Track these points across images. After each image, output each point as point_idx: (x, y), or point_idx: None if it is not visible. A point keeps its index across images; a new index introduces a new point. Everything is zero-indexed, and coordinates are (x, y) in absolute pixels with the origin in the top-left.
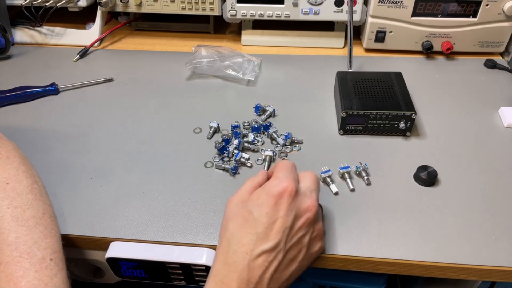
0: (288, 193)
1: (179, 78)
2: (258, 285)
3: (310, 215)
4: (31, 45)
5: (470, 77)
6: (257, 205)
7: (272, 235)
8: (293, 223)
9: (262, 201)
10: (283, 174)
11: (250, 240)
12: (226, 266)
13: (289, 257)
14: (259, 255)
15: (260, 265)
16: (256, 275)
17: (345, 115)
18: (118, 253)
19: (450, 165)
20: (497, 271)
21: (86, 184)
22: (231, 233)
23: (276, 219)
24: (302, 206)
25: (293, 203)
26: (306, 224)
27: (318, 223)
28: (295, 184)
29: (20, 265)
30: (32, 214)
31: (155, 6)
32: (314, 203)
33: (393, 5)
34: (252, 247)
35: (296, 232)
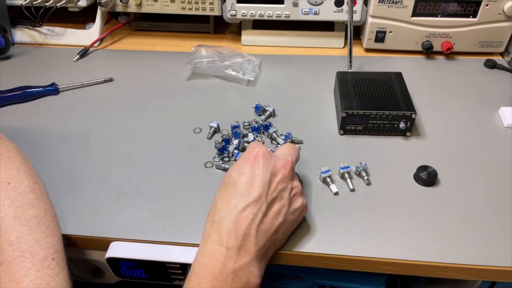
0: (261, 154)
1: (179, 78)
2: (246, 237)
3: (285, 172)
4: (31, 45)
5: (470, 77)
6: (236, 169)
7: (253, 189)
8: (271, 178)
9: (240, 165)
10: (254, 144)
11: (233, 198)
12: (214, 224)
13: (273, 210)
14: (244, 209)
15: (246, 217)
16: (243, 227)
17: (345, 115)
18: (118, 253)
19: (450, 165)
20: (497, 271)
21: (86, 184)
22: (216, 198)
23: (255, 176)
24: (276, 164)
25: (268, 161)
26: (283, 179)
27: (295, 180)
28: (266, 148)
29: (22, 264)
30: (34, 214)
31: (155, 6)
32: (287, 162)
33: (393, 5)
34: (235, 203)
35: (276, 186)
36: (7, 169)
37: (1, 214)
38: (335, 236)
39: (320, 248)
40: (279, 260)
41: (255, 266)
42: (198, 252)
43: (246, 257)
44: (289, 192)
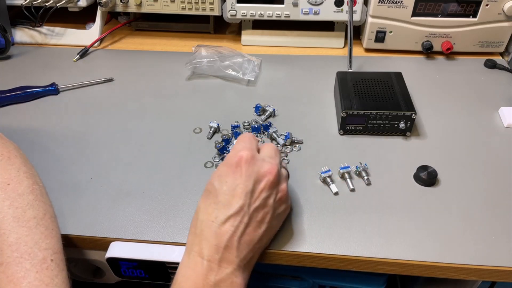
0: (244, 160)
1: (179, 78)
2: (228, 249)
3: (270, 178)
4: (31, 45)
5: (470, 77)
6: (218, 176)
7: (234, 200)
8: (254, 187)
9: (221, 172)
10: (241, 145)
11: (214, 209)
12: (196, 236)
13: (256, 219)
14: (224, 221)
15: (227, 230)
16: (224, 240)
17: (345, 115)
18: (118, 253)
19: (450, 165)
20: (497, 271)
21: (86, 184)
22: (198, 207)
23: (236, 185)
24: (261, 170)
25: (251, 168)
26: (268, 187)
27: (281, 185)
28: (252, 152)
29: (21, 265)
30: (33, 215)
31: (155, 6)
32: (273, 167)
33: (393, 5)
34: (216, 214)
35: (259, 194)
36: (7, 170)
37: (1, 215)
38: (335, 236)
39: (320, 248)
40: (279, 260)
41: (237, 276)
42: (181, 264)
43: (228, 268)
44: (274, 198)
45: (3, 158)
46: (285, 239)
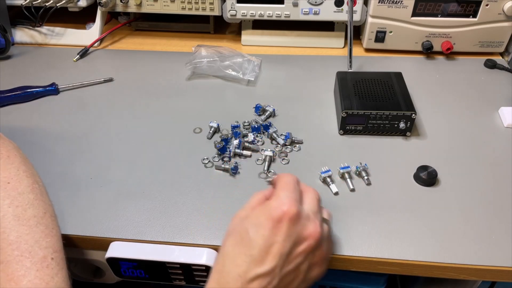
0: (288, 218)
1: (179, 78)
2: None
3: (311, 243)
4: (31, 45)
5: (470, 77)
6: (255, 225)
7: (267, 259)
8: (291, 249)
9: (260, 222)
10: (284, 194)
11: (243, 262)
12: (219, 286)
13: (284, 283)
14: (252, 279)
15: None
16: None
17: (345, 115)
18: (118, 253)
19: (450, 165)
20: (497, 271)
21: (86, 184)
22: (227, 251)
23: (273, 243)
24: (303, 232)
25: (293, 228)
26: (306, 252)
27: (319, 249)
28: (297, 207)
29: (21, 264)
30: (33, 214)
31: (155, 6)
32: (317, 229)
33: (393, 5)
34: (245, 269)
35: (294, 258)
36: (6, 169)
37: (1, 213)
38: (335, 236)
39: None
40: None
41: None
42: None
43: None
44: (309, 264)
45: (3, 157)
46: None
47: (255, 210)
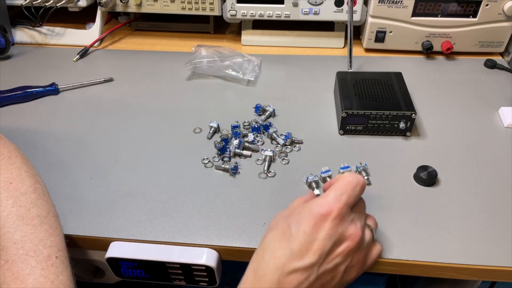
0: (332, 217)
1: (179, 78)
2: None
3: (351, 245)
4: (31, 45)
5: (470, 77)
6: (297, 221)
7: (307, 255)
8: (331, 249)
9: (302, 218)
10: (334, 194)
11: (283, 255)
12: (256, 276)
13: (321, 281)
14: (290, 273)
15: (290, 282)
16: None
17: (345, 115)
18: (118, 253)
19: (450, 165)
20: (497, 271)
21: (86, 184)
22: (267, 244)
23: (314, 240)
24: (345, 233)
25: (335, 228)
26: (346, 253)
27: (359, 253)
28: (345, 208)
29: (26, 263)
30: (37, 213)
31: (155, 6)
32: (358, 232)
33: (393, 5)
34: (284, 262)
35: (333, 258)
36: (8, 169)
37: (4, 213)
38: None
39: None
40: None
41: None
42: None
43: None
44: (346, 266)
45: (4, 158)
46: None
47: (299, 207)
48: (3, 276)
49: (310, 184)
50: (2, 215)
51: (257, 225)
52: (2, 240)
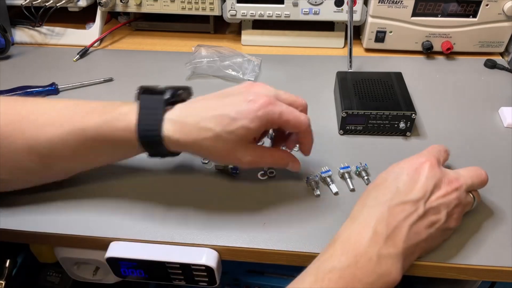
0: (428, 163)
1: (179, 78)
2: (397, 230)
3: (448, 189)
4: (31, 45)
5: (470, 77)
6: (398, 171)
7: (413, 191)
8: (433, 189)
9: (402, 168)
10: (425, 151)
11: (389, 192)
12: (366, 207)
13: (429, 219)
14: (399, 204)
15: (401, 212)
16: (396, 220)
17: (345, 115)
18: (117, 253)
19: (450, 165)
20: (497, 271)
21: (86, 184)
22: (366, 196)
23: (417, 179)
24: (443, 178)
25: (434, 171)
26: (447, 196)
27: (457, 206)
28: (436, 160)
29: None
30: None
31: (155, 6)
32: (456, 181)
33: (393, 5)
34: (391, 197)
35: (436, 199)
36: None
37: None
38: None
39: (320, 248)
40: (280, 260)
41: (399, 261)
42: (343, 228)
43: (392, 248)
44: (449, 210)
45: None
46: (286, 240)
47: (392, 169)
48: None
49: (310, 184)
50: None
51: (257, 225)
52: None
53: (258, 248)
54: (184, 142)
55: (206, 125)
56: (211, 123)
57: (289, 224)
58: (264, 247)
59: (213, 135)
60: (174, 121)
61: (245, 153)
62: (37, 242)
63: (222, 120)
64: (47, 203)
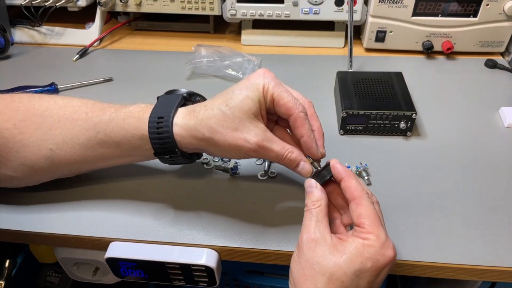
0: (393, 263)
1: (179, 78)
2: None
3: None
4: (30, 45)
5: (470, 77)
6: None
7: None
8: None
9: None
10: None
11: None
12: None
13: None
14: None
15: None
16: None
17: (345, 115)
18: (117, 253)
19: (450, 165)
20: (497, 271)
21: (86, 184)
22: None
23: (375, 284)
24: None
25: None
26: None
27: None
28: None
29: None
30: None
31: (154, 6)
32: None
33: (394, 5)
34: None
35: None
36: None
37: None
38: None
39: None
40: (279, 260)
41: None
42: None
43: None
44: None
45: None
46: (286, 240)
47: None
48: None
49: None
50: None
51: (257, 225)
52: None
53: (258, 248)
54: (193, 125)
55: (212, 105)
56: (217, 103)
57: (289, 224)
58: (264, 247)
59: (219, 112)
60: (183, 110)
61: (252, 133)
62: (37, 242)
63: (226, 96)
64: (47, 203)
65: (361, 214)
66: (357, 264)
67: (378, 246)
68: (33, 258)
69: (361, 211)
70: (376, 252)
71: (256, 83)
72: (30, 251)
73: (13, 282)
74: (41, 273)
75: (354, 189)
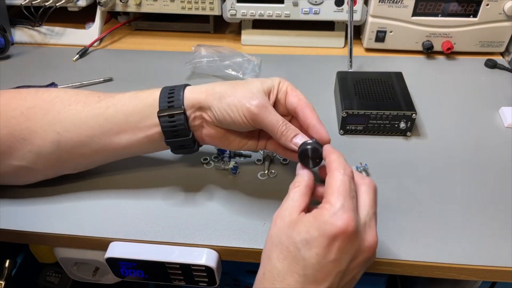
0: (345, 235)
1: (179, 78)
2: None
3: (369, 255)
4: (30, 44)
5: (470, 77)
6: (306, 242)
7: (324, 278)
8: (348, 265)
9: (312, 238)
10: (339, 203)
11: (297, 282)
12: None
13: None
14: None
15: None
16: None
17: (346, 115)
18: (117, 253)
19: (451, 165)
20: (497, 271)
21: (86, 184)
22: (275, 266)
23: (328, 261)
24: (361, 246)
25: (350, 244)
26: (364, 263)
27: (375, 254)
28: (354, 221)
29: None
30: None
31: (154, 6)
32: (375, 239)
33: (394, 5)
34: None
35: (351, 271)
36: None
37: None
38: None
39: None
40: None
41: None
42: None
43: None
44: (364, 271)
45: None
46: None
47: (305, 220)
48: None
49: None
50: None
51: (257, 225)
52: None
53: (258, 248)
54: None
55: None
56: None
57: None
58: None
59: (228, 84)
60: (192, 86)
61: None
62: (37, 242)
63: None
64: (47, 203)
65: (327, 184)
66: (303, 233)
67: (328, 214)
68: (33, 258)
69: (329, 181)
70: (324, 221)
71: (272, 79)
72: (30, 251)
73: (13, 282)
74: (41, 273)
75: (331, 163)
